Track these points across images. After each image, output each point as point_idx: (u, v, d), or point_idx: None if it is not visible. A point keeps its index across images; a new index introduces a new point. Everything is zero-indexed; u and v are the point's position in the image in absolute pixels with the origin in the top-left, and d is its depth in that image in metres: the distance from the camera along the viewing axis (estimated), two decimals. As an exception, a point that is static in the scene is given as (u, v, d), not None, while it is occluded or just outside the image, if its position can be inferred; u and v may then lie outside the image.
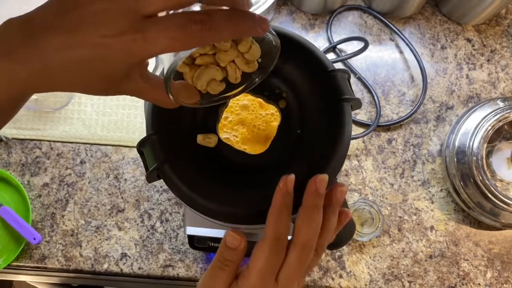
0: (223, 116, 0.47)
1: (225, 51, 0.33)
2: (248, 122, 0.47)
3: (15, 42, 0.29)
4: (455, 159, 0.72)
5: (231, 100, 0.48)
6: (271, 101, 0.47)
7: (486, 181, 0.68)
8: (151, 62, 0.40)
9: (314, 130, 0.42)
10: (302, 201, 0.37)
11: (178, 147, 0.43)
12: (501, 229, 0.74)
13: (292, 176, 0.37)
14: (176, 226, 0.74)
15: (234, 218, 0.40)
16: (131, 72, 0.31)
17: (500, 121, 0.70)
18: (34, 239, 0.72)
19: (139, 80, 0.33)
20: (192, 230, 0.62)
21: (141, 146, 0.42)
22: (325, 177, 0.37)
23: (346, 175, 0.76)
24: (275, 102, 0.47)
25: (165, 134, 0.43)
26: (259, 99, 0.47)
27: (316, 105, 0.42)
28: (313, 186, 0.37)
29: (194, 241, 0.64)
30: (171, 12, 0.30)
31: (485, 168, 0.69)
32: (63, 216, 0.75)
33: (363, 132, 0.75)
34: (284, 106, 0.47)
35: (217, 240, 0.64)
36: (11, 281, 0.82)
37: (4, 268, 0.72)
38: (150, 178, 0.41)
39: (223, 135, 0.46)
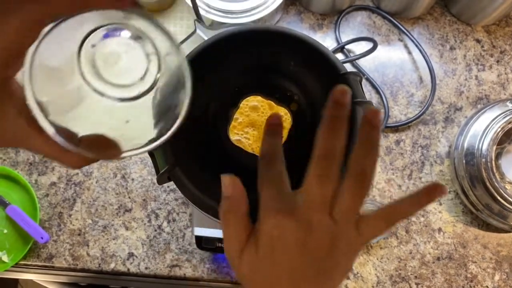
0: (233, 117, 0.47)
1: None
2: (258, 125, 0.47)
3: None
4: (464, 161, 0.71)
5: (241, 102, 0.48)
6: (282, 104, 0.47)
7: (495, 184, 0.68)
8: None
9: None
10: (325, 115, 0.34)
11: (189, 149, 0.43)
12: (509, 232, 0.74)
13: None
14: (183, 226, 0.74)
15: None
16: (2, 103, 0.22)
17: (510, 122, 0.69)
18: (42, 238, 0.72)
19: (17, 118, 0.23)
20: (200, 231, 0.62)
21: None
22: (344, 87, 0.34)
23: (354, 176, 0.76)
24: (287, 104, 0.47)
25: (175, 137, 0.42)
26: (270, 101, 0.47)
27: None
28: (337, 95, 0.34)
29: (202, 242, 0.63)
30: None
31: (494, 170, 0.68)
32: (70, 215, 0.75)
33: (371, 133, 0.75)
34: (295, 109, 0.46)
35: (225, 241, 0.64)
36: (17, 280, 0.82)
37: (12, 266, 0.73)
38: (161, 180, 0.41)
39: (234, 137, 0.46)
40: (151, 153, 0.43)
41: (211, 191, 0.40)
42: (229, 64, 0.46)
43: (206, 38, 0.46)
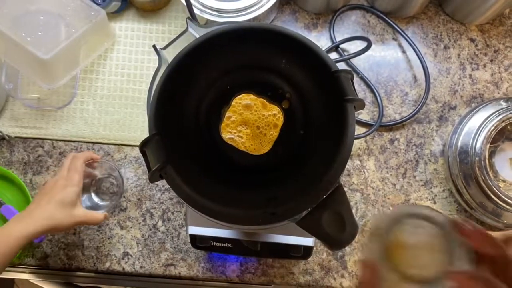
0: (225, 115, 0.47)
1: None
2: (251, 123, 0.47)
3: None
4: (458, 160, 0.71)
5: (234, 100, 0.48)
6: (274, 102, 0.47)
7: (489, 182, 0.68)
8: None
9: (318, 131, 0.42)
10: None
11: (181, 147, 0.43)
12: (503, 230, 0.74)
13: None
14: (178, 225, 0.74)
15: (236, 219, 0.40)
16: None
17: (503, 121, 0.69)
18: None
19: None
20: (194, 230, 0.62)
21: (144, 146, 0.42)
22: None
23: (348, 174, 0.76)
24: (278, 102, 0.47)
25: (167, 134, 0.42)
26: (262, 99, 0.47)
27: (320, 105, 0.42)
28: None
29: (196, 241, 0.64)
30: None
31: (488, 169, 0.68)
32: (65, 214, 0.75)
33: (366, 132, 0.75)
34: (287, 107, 0.46)
35: (219, 239, 0.64)
36: (13, 279, 0.82)
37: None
38: (152, 178, 0.41)
39: (226, 135, 0.46)
40: (143, 151, 0.43)
41: (203, 189, 0.40)
42: (220, 62, 0.46)
43: (198, 36, 0.47)
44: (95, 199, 0.75)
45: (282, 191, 0.40)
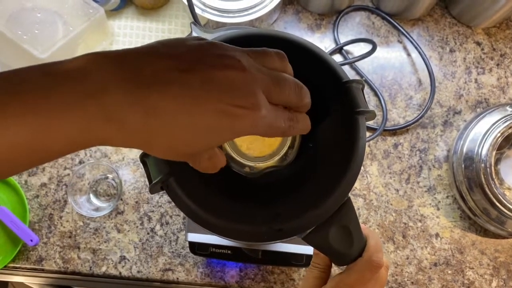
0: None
1: None
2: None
3: (117, 97, 0.24)
4: (463, 166, 0.70)
5: None
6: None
7: (494, 189, 0.67)
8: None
9: (327, 144, 0.40)
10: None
11: None
12: (507, 238, 0.73)
13: None
14: (177, 229, 0.73)
15: (241, 236, 0.38)
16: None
17: (510, 127, 0.68)
18: (31, 240, 0.70)
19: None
20: (194, 237, 0.61)
21: (145, 156, 0.40)
22: None
23: (351, 179, 0.74)
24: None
25: None
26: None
27: (329, 118, 0.40)
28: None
29: (196, 248, 0.62)
30: None
31: (493, 176, 0.67)
32: (61, 217, 0.73)
33: (369, 136, 0.74)
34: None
35: (219, 246, 0.62)
36: (7, 282, 0.81)
37: (0, 269, 0.71)
38: (153, 190, 0.39)
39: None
40: (143, 161, 0.41)
41: (206, 203, 0.39)
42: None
43: (202, 42, 0.45)
44: (95, 200, 0.73)
45: (288, 207, 0.39)
